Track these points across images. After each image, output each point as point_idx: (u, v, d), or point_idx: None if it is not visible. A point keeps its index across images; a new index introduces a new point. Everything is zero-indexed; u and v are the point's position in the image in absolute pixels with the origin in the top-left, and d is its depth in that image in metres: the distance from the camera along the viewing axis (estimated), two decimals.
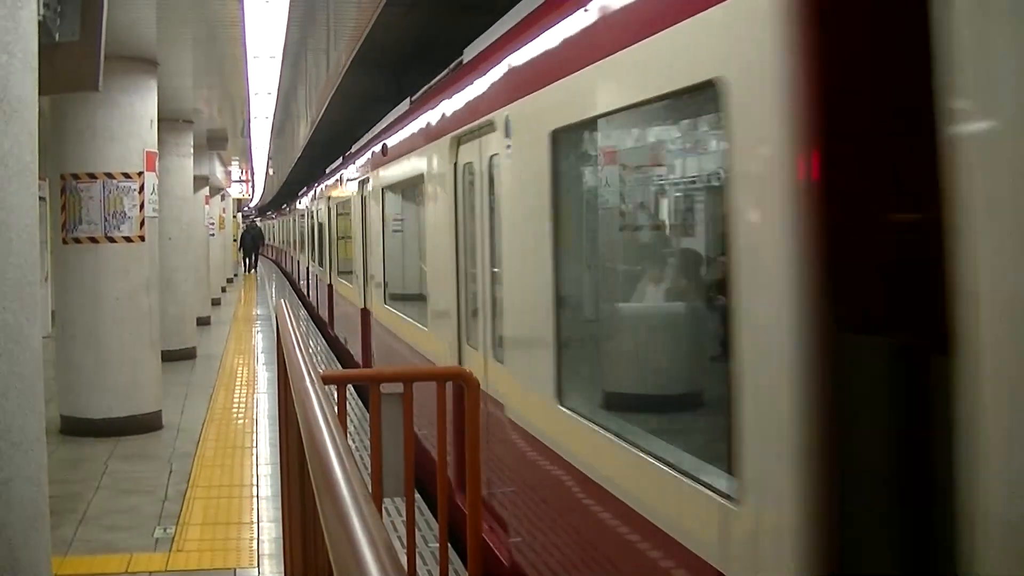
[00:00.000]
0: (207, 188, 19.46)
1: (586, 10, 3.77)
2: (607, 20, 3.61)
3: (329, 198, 15.98)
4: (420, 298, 7.67)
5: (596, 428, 3.69)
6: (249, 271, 39.10)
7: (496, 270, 5.23)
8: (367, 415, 7.92)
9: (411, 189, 8.32)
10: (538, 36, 4.46)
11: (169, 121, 12.91)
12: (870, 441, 2.22)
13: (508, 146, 4.83)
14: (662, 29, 3.00)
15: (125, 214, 8.96)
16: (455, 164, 6.21)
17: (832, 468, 2.16)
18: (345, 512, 1.40)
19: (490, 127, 5.23)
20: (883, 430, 2.21)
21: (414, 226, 8.37)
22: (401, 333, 8.48)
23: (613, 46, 3.43)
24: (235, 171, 30.61)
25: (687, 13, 2.80)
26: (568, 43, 4.04)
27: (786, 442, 2.27)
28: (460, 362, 6.06)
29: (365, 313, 11.15)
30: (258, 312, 22.09)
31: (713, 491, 2.70)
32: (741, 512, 2.52)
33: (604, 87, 3.66)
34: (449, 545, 4.75)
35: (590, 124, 3.98)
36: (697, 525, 2.78)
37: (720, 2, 2.60)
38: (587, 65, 3.72)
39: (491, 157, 5.30)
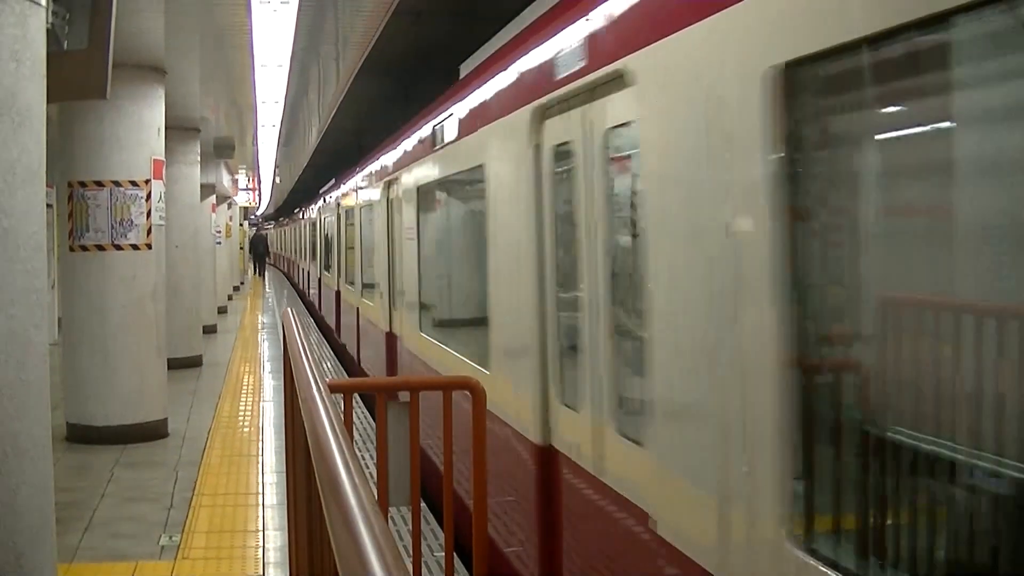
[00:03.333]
0: (214, 196, 19.49)
1: None
2: None
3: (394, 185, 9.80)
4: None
5: None
6: (260, 274, 44.03)
7: None
8: (373, 424, 7.90)
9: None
10: None
11: (176, 129, 12.94)
12: None
13: None
14: None
15: (132, 222, 8.98)
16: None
17: None
18: (352, 521, 1.39)
19: None
20: None
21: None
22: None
23: None
24: (242, 179, 30.68)
25: None
26: None
27: None
28: None
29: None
30: (264, 320, 22.12)
31: None
32: None
33: None
34: (455, 555, 4.73)
35: None
36: None
37: None
38: None
39: None
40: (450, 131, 6.64)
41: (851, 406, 2.39)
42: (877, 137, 2.40)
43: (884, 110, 2.37)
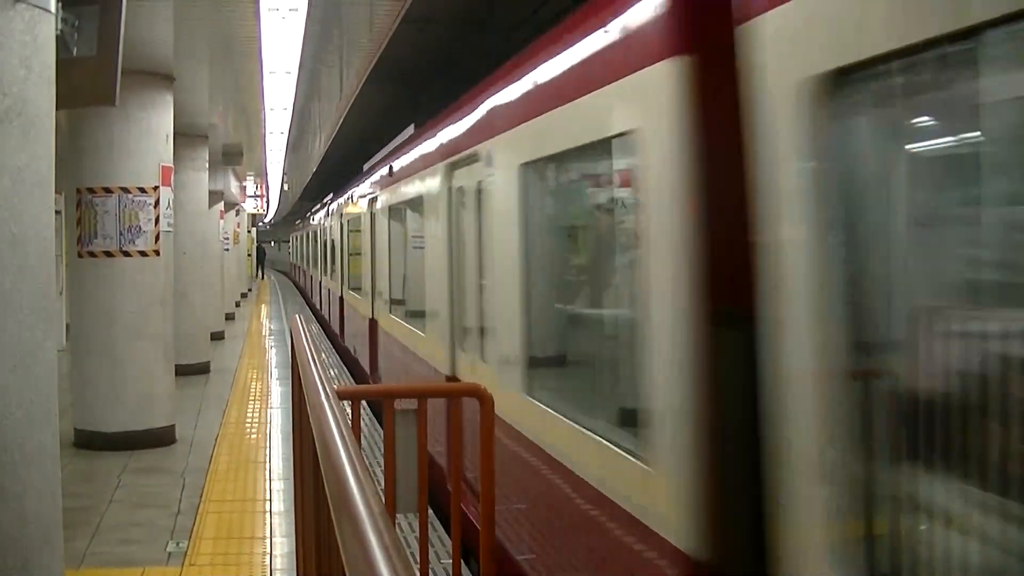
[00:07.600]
0: (222, 203, 19.52)
1: None
2: None
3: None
4: None
5: None
6: (263, 277, 50.71)
7: None
8: (380, 430, 7.89)
9: None
10: None
11: (185, 136, 12.96)
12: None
13: None
14: None
15: (140, 228, 8.99)
16: None
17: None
18: (362, 528, 1.39)
19: None
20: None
21: None
22: None
23: None
24: (250, 186, 30.73)
25: None
26: None
27: None
28: None
29: None
30: (272, 327, 22.13)
31: None
32: None
33: None
34: (463, 561, 4.72)
35: None
36: None
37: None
38: None
39: None
40: None
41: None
42: None
43: None
